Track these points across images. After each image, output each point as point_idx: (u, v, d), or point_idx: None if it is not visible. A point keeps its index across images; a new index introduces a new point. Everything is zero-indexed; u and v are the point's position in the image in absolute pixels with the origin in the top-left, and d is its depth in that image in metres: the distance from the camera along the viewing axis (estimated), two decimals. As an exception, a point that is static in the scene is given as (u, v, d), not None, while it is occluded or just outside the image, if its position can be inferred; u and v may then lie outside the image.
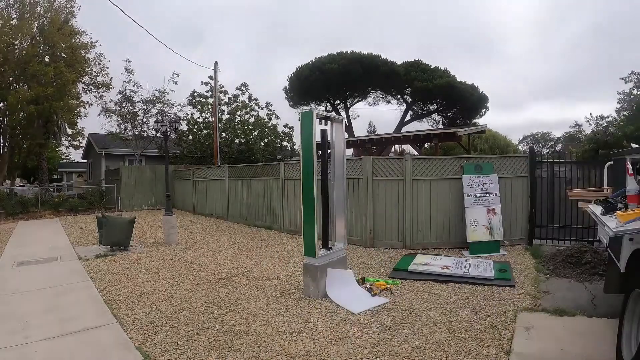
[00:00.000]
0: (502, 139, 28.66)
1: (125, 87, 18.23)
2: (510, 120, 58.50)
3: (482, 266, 5.30)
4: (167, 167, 9.02)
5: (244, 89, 19.87)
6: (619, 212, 3.00)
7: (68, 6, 17.38)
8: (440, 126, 25.06)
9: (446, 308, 3.93)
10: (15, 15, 15.90)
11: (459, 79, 22.52)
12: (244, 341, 3.23)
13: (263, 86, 46.92)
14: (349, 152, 17.20)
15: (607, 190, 4.97)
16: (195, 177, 13.94)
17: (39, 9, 16.56)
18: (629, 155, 3.81)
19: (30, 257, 6.63)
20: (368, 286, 4.60)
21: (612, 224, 2.85)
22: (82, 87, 18.78)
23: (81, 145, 24.91)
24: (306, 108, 26.16)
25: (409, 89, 23.71)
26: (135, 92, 18.34)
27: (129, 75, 18.16)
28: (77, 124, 20.18)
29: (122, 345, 3.21)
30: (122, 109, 18.37)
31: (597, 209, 3.84)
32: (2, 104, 16.10)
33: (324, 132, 4.71)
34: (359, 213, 7.10)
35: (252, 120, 19.72)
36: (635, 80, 18.65)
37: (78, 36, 17.90)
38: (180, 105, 19.20)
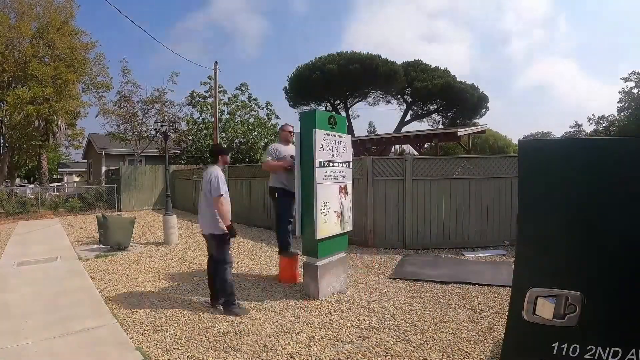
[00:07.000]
0: (502, 138, 28.68)
1: (124, 87, 18.25)
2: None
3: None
4: (167, 167, 9.05)
5: (243, 88, 19.89)
6: None
7: (67, 6, 17.39)
8: (440, 126, 25.07)
9: (447, 308, 3.92)
10: (13, 15, 15.90)
11: (459, 79, 22.58)
12: (244, 341, 3.23)
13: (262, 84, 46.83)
14: (349, 152, 17.15)
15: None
16: (195, 177, 13.91)
17: (38, 9, 16.55)
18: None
19: (30, 257, 6.62)
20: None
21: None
22: (82, 87, 18.78)
23: (81, 145, 24.94)
24: (306, 108, 26.14)
25: (409, 89, 23.75)
26: (134, 92, 18.35)
27: (126, 76, 18.18)
28: (77, 125, 20.19)
29: (122, 345, 3.20)
30: (121, 109, 18.36)
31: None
32: (1, 104, 16.09)
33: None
34: (359, 213, 7.09)
35: (251, 120, 19.72)
36: (636, 80, 18.70)
37: (78, 36, 17.89)
38: (179, 105, 19.21)
